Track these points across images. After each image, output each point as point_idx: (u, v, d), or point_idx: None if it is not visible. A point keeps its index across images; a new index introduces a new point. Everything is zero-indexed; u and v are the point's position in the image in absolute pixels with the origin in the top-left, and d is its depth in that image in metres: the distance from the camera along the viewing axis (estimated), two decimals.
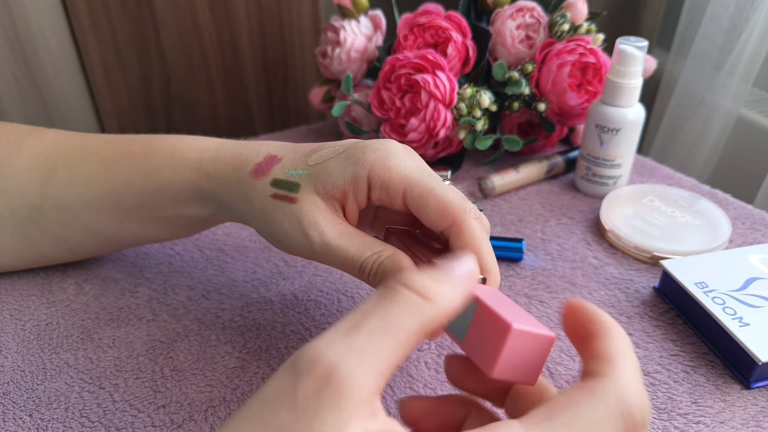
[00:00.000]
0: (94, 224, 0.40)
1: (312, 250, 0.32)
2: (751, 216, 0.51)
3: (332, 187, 0.32)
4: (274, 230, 0.33)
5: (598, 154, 0.51)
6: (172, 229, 0.41)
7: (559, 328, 0.40)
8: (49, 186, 0.39)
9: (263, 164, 0.34)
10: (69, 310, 0.42)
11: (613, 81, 0.49)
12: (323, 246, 0.32)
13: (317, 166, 0.33)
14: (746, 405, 0.34)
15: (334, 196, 0.32)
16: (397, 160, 0.31)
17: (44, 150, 0.40)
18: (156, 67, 0.76)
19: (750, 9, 0.70)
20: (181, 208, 0.38)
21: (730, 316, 0.37)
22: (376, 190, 0.32)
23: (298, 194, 0.33)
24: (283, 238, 0.33)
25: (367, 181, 0.32)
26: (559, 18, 0.54)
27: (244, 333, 0.40)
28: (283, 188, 0.33)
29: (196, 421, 0.34)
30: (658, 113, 0.85)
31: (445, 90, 0.51)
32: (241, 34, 0.79)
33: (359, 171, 0.32)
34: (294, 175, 0.33)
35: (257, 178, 0.34)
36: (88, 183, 0.39)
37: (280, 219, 0.33)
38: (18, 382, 0.36)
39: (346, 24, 0.58)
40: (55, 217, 0.40)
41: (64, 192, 0.39)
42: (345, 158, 0.32)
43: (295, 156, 0.34)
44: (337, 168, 0.32)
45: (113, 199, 0.39)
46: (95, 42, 0.71)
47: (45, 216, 0.40)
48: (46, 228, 0.41)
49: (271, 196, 0.33)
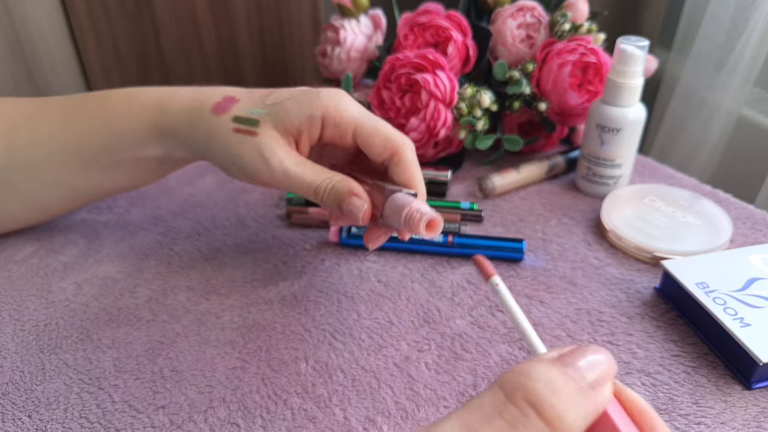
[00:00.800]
0: (61, 177, 0.43)
1: (272, 177, 0.37)
2: (752, 216, 0.51)
3: (290, 124, 0.37)
4: (236, 161, 0.38)
5: (599, 154, 0.51)
6: (132, 175, 0.44)
7: (560, 329, 0.40)
8: (12, 146, 0.42)
9: (222, 103, 0.39)
10: (68, 310, 0.42)
11: (614, 81, 0.49)
12: (283, 172, 0.37)
13: (275, 106, 0.38)
14: (747, 406, 0.34)
15: (291, 133, 0.37)
16: (347, 105, 0.38)
17: (6, 115, 0.43)
18: (155, 67, 0.76)
19: (751, 8, 0.70)
20: (139, 149, 0.41)
21: (731, 317, 0.37)
22: (329, 129, 0.38)
23: (258, 129, 0.37)
24: (245, 166, 0.38)
25: (321, 120, 0.37)
26: (559, 17, 0.54)
27: (244, 333, 0.39)
28: (245, 123, 0.38)
29: (196, 422, 0.33)
30: (658, 113, 0.85)
31: (446, 89, 0.51)
32: (240, 34, 0.79)
33: (315, 111, 0.37)
34: (254, 114, 0.38)
35: (218, 114, 0.38)
36: (51, 136, 0.42)
37: (243, 150, 0.37)
38: (17, 383, 0.36)
39: (346, 23, 0.58)
40: (22, 175, 0.42)
41: (28, 148, 0.42)
42: (301, 101, 0.37)
43: (251, 98, 0.39)
44: (294, 108, 0.37)
45: (76, 148, 0.42)
46: (94, 42, 0.71)
47: (12, 174, 0.42)
48: (14, 187, 0.43)
49: (233, 131, 0.38)
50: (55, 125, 0.42)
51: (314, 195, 0.37)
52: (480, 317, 0.41)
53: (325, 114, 0.37)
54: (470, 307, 0.42)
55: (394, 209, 0.34)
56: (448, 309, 0.41)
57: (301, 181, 0.37)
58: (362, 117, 0.38)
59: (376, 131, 0.37)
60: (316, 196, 0.37)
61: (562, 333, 0.39)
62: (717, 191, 0.55)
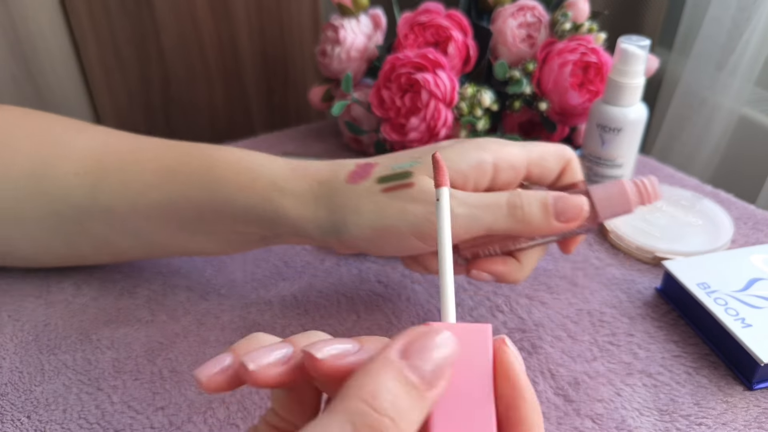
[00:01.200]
0: (143, 230, 0.38)
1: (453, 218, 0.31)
2: (754, 216, 0.51)
3: (454, 171, 0.33)
4: (397, 221, 0.33)
5: (600, 153, 0.51)
6: (225, 246, 0.39)
7: (561, 330, 0.40)
8: (98, 191, 0.37)
9: (359, 170, 0.34)
10: (67, 311, 0.41)
11: (615, 80, 0.48)
12: (462, 204, 0.32)
13: (428, 156, 0.33)
14: (748, 406, 0.34)
15: (451, 180, 0.32)
16: (506, 145, 0.34)
17: (94, 153, 0.38)
18: (155, 67, 0.76)
19: (752, 8, 0.70)
20: (240, 225, 0.36)
21: (732, 317, 0.36)
22: (504, 172, 0.33)
23: (413, 179, 0.33)
24: (411, 222, 0.32)
25: (493, 165, 0.33)
26: (560, 17, 0.54)
27: (244, 334, 0.39)
28: (394, 179, 0.33)
29: (195, 423, 0.33)
30: (659, 113, 0.84)
31: (446, 89, 0.51)
32: (240, 34, 0.79)
33: (484, 156, 0.33)
34: (402, 167, 0.33)
35: (355, 182, 0.34)
36: (142, 191, 0.37)
37: (402, 205, 0.32)
38: (16, 384, 0.36)
39: (345, 23, 0.58)
40: (102, 220, 0.38)
41: (114, 198, 0.37)
42: (463, 148, 0.33)
43: (389, 158, 0.35)
44: (456, 155, 0.33)
45: (167, 210, 0.37)
46: (94, 42, 0.71)
47: (91, 218, 0.38)
48: (90, 230, 0.38)
49: (383, 191, 0.33)
50: (148, 181, 0.37)
51: (509, 209, 0.32)
52: (480, 318, 0.41)
53: (497, 159, 0.33)
54: (470, 308, 0.41)
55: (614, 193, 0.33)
56: None
57: (489, 204, 0.32)
58: (524, 147, 0.34)
59: (544, 152, 0.34)
60: (514, 209, 0.32)
61: (563, 334, 0.39)
62: (718, 191, 0.54)
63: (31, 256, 0.41)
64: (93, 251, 0.40)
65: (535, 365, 0.37)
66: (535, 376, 0.36)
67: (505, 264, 0.35)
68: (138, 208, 0.37)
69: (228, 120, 0.83)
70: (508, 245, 0.35)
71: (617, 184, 0.34)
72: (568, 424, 0.33)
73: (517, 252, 0.36)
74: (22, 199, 0.38)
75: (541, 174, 0.35)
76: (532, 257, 0.36)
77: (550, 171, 0.35)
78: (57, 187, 0.38)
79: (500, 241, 0.34)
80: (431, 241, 0.33)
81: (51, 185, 0.38)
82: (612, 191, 0.34)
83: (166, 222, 0.37)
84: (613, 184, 0.34)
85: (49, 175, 0.38)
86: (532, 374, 0.36)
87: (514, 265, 0.36)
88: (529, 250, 0.36)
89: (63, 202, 0.38)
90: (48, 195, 0.38)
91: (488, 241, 0.34)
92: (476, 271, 0.36)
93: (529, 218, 0.32)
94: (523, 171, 0.34)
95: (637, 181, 0.34)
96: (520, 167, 0.34)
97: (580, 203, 0.32)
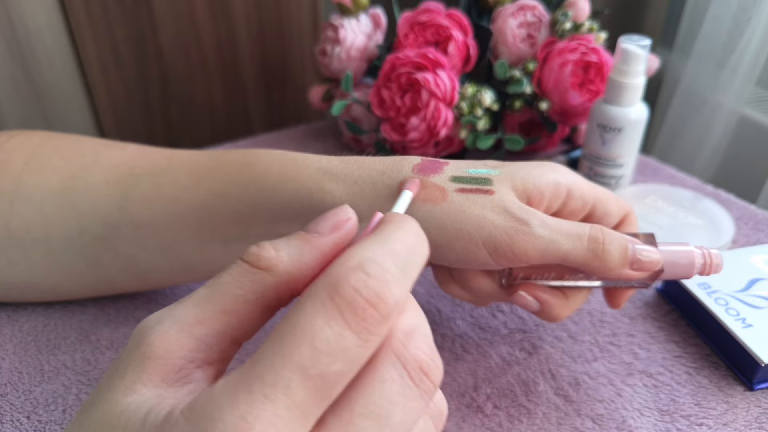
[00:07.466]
0: (172, 244, 0.36)
1: (529, 238, 0.29)
2: (755, 216, 0.51)
3: (533, 186, 0.31)
4: (468, 227, 0.30)
5: (601, 153, 0.51)
6: None
7: (561, 330, 0.39)
8: (129, 200, 0.35)
9: (428, 164, 0.32)
10: (66, 311, 0.41)
11: (616, 80, 0.48)
12: (544, 226, 0.30)
13: (509, 167, 0.32)
14: (749, 407, 0.34)
15: (532, 197, 0.31)
16: (580, 177, 0.34)
17: (125, 161, 0.37)
18: (154, 66, 0.76)
19: (753, 8, 0.69)
20: (281, 223, 0.33)
21: (733, 318, 0.36)
22: (574, 200, 0.32)
23: (493, 187, 0.31)
24: (484, 230, 0.30)
25: (567, 191, 0.32)
26: (561, 16, 0.54)
27: None
28: (473, 183, 0.31)
29: None
30: (660, 112, 0.84)
31: (446, 89, 0.51)
32: (239, 32, 0.79)
33: (560, 179, 0.32)
34: (482, 173, 0.32)
35: (425, 175, 0.31)
36: (175, 196, 0.35)
37: (482, 212, 0.30)
38: (15, 384, 0.36)
39: (345, 22, 0.58)
40: (129, 236, 0.36)
41: (145, 207, 0.35)
42: (539, 166, 0.32)
43: (459, 162, 0.33)
44: (537, 172, 0.32)
45: (201, 215, 0.34)
46: (92, 40, 0.71)
47: (119, 234, 0.36)
48: (117, 249, 0.36)
49: (457, 191, 0.31)
50: (182, 184, 0.34)
51: (590, 242, 0.30)
52: (481, 318, 0.40)
53: (571, 185, 0.32)
54: (471, 308, 0.41)
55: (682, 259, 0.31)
56: (448, 310, 0.41)
57: (569, 233, 0.30)
58: (593, 184, 0.34)
59: (610, 195, 0.34)
60: (595, 243, 0.30)
61: (564, 334, 0.39)
62: (719, 191, 0.54)
63: (54, 283, 0.39)
64: (122, 275, 0.38)
65: (536, 365, 0.37)
66: (535, 377, 0.36)
67: (554, 296, 0.33)
68: (169, 216, 0.35)
69: (227, 119, 0.83)
70: (564, 277, 0.32)
71: (688, 253, 0.32)
72: (568, 424, 0.33)
73: (566, 288, 0.34)
74: (50, 216, 0.36)
75: (603, 215, 0.33)
76: (580, 298, 0.34)
77: (612, 216, 0.34)
78: (86, 200, 0.36)
79: (558, 271, 0.32)
80: (501, 259, 0.30)
81: (79, 198, 0.36)
82: (680, 258, 0.32)
83: (198, 230, 0.35)
84: (682, 250, 0.32)
85: (78, 188, 0.36)
86: (532, 375, 0.36)
87: (561, 300, 0.33)
88: (578, 290, 0.34)
89: (91, 216, 0.36)
90: (76, 209, 0.36)
91: (546, 269, 0.32)
92: (524, 293, 0.32)
93: (606, 257, 0.30)
94: (589, 206, 0.33)
95: (706, 253, 0.32)
96: (588, 200, 0.33)
97: (658, 260, 0.30)
